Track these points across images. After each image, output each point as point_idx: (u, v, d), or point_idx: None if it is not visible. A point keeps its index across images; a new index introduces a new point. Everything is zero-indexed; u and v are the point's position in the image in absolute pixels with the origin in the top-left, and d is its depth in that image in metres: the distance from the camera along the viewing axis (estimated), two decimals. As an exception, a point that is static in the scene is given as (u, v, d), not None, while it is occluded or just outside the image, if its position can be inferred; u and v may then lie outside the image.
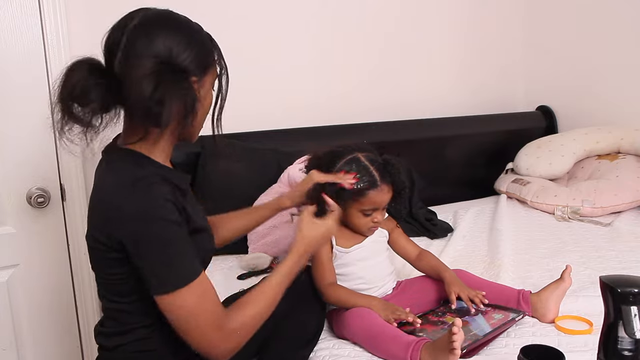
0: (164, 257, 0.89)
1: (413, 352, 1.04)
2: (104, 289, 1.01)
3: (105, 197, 0.93)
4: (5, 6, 1.52)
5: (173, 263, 0.89)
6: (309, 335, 1.18)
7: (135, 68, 0.87)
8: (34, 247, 1.64)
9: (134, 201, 0.88)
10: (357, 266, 1.31)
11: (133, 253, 0.90)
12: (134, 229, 0.88)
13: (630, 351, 0.87)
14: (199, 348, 0.93)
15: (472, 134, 2.56)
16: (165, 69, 0.88)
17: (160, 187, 0.90)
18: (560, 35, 2.71)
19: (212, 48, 0.99)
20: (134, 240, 0.89)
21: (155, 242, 0.88)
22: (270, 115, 2.13)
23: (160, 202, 0.89)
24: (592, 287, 1.37)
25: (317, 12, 2.22)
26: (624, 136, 2.34)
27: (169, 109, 0.87)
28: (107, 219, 0.91)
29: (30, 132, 1.59)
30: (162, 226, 0.88)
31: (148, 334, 0.99)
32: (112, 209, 0.90)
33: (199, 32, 0.98)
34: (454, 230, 2.04)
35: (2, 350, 1.61)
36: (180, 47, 0.91)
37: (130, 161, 0.94)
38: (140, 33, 0.90)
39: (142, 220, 0.88)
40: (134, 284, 0.95)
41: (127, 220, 0.88)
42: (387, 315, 1.16)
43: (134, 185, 0.89)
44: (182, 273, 0.90)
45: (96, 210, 0.95)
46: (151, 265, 0.89)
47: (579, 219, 2.10)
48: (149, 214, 0.88)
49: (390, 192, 1.29)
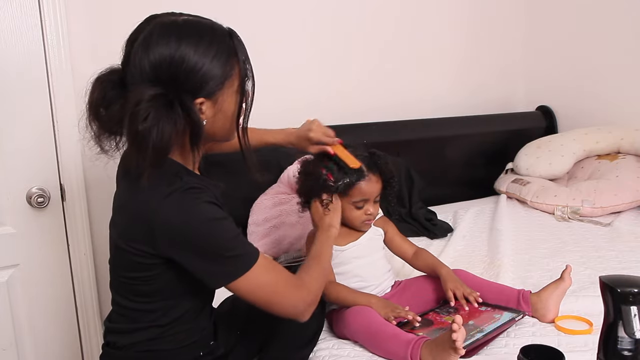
0: (223, 250, 0.91)
1: (413, 350, 1.04)
2: (122, 288, 1.01)
3: (147, 207, 0.90)
4: (5, 6, 1.52)
5: (235, 251, 0.92)
6: (308, 335, 1.18)
7: (132, 94, 0.85)
8: (34, 247, 1.64)
9: (178, 213, 0.88)
10: (354, 264, 1.31)
11: (187, 262, 0.91)
12: (187, 241, 0.89)
13: (630, 351, 0.87)
14: (289, 313, 0.99)
15: (472, 134, 2.56)
16: (158, 99, 0.84)
17: (200, 195, 0.91)
18: (560, 35, 2.71)
19: (230, 57, 0.92)
20: (187, 250, 0.90)
21: (210, 242, 0.90)
22: (270, 115, 2.12)
23: (203, 207, 0.90)
24: (592, 287, 1.37)
25: (317, 11, 2.22)
26: (624, 136, 2.34)
27: (157, 140, 0.83)
28: (152, 231, 0.89)
29: (30, 132, 1.59)
30: (212, 226, 0.90)
31: (160, 333, 1.00)
32: (157, 222, 0.88)
33: (215, 42, 0.90)
34: (454, 230, 2.04)
35: (2, 350, 1.61)
36: (187, 67, 0.86)
37: (169, 171, 0.92)
38: (143, 51, 0.87)
39: (191, 229, 0.88)
40: (157, 286, 0.96)
41: (176, 235, 0.89)
42: (387, 313, 1.16)
43: (176, 197, 0.89)
44: (247, 256, 0.94)
45: (135, 218, 0.92)
46: (215, 263, 0.92)
47: (579, 219, 2.10)
48: (195, 220, 0.89)
49: (379, 182, 1.31)
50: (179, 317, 1.00)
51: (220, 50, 0.91)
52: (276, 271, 0.99)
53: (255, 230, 1.78)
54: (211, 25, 0.93)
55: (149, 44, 0.87)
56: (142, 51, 0.87)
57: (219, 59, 0.90)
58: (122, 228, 0.96)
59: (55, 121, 1.62)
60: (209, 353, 1.07)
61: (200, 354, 1.05)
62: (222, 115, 0.95)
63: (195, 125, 0.90)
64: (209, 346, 1.08)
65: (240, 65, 0.95)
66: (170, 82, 0.86)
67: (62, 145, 1.63)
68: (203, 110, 0.92)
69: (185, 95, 0.88)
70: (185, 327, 1.02)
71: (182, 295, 1.00)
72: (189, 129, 0.90)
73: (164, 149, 0.86)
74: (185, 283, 0.97)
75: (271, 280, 0.97)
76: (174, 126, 0.86)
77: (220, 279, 0.94)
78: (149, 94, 0.84)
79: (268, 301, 0.97)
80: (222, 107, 0.94)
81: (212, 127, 0.95)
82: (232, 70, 0.93)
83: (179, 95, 0.87)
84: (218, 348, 1.10)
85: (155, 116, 0.83)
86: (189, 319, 1.02)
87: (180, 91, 0.87)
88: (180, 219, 0.88)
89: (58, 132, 1.62)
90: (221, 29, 0.94)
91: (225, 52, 0.92)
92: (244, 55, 0.96)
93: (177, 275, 0.95)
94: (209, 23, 0.94)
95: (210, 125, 0.95)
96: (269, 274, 0.97)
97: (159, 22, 0.90)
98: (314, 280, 1.05)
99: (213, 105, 0.93)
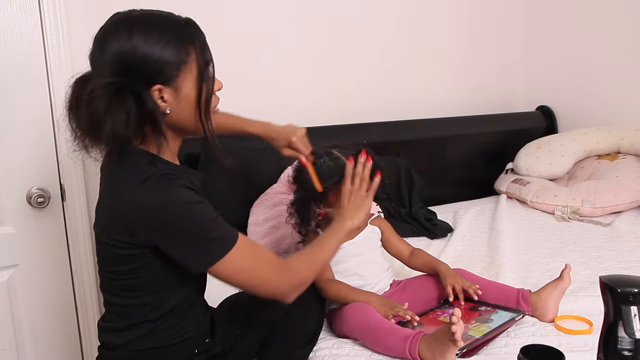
0: (201, 233, 0.91)
1: (411, 345, 1.04)
2: (110, 285, 1.02)
3: (123, 197, 0.92)
4: (5, 6, 1.52)
5: (213, 234, 0.92)
6: (308, 335, 1.18)
7: (90, 85, 0.89)
8: (34, 247, 1.64)
9: (153, 198, 0.89)
10: (352, 262, 1.32)
11: (167, 247, 0.92)
12: (164, 225, 0.90)
13: (630, 351, 0.87)
14: (273, 295, 0.99)
15: (472, 134, 2.56)
16: (109, 87, 0.88)
17: (176, 180, 0.93)
18: (560, 35, 2.71)
19: (185, 44, 0.93)
20: (165, 235, 0.91)
21: (187, 225, 0.91)
22: (269, 115, 2.12)
23: (178, 191, 0.91)
24: (592, 287, 1.37)
25: (317, 11, 2.22)
26: (624, 136, 2.34)
27: (110, 127, 0.87)
28: (130, 220, 0.91)
29: (30, 132, 1.59)
30: (187, 209, 0.91)
31: (152, 328, 1.00)
32: (134, 210, 0.90)
33: (166, 31, 0.92)
34: (454, 230, 2.03)
35: (2, 350, 1.61)
36: (138, 57, 0.89)
37: (141, 161, 0.95)
38: (96, 46, 0.92)
39: (167, 212, 0.89)
40: (144, 279, 0.96)
41: (153, 220, 0.90)
42: (386, 311, 1.17)
43: (151, 182, 0.91)
44: (225, 238, 0.94)
45: (113, 210, 0.95)
46: (192, 246, 0.91)
47: (579, 219, 2.10)
48: (171, 204, 0.90)
49: None
50: (170, 310, 1.00)
51: (173, 38, 0.92)
52: (258, 253, 0.99)
53: (255, 230, 1.78)
54: (166, 15, 0.95)
55: (103, 40, 0.91)
56: (98, 47, 0.92)
57: (172, 46, 0.92)
58: (103, 224, 0.98)
59: (55, 121, 1.62)
60: (204, 351, 1.07)
61: (195, 351, 1.05)
62: (186, 104, 0.96)
63: (151, 112, 0.91)
64: (204, 343, 1.08)
65: (197, 51, 0.96)
66: (125, 73, 0.89)
67: (62, 145, 1.63)
68: (165, 98, 0.94)
69: (138, 83, 0.90)
70: (177, 320, 1.02)
71: (170, 288, 1.00)
72: (148, 116, 0.92)
73: (121, 135, 0.88)
74: (171, 274, 0.97)
75: (252, 263, 0.96)
76: (127, 112, 0.88)
77: (199, 263, 0.93)
78: (102, 82, 0.88)
79: (250, 285, 0.97)
80: (184, 94, 0.95)
81: (178, 117, 0.97)
82: (188, 56, 0.94)
83: (131, 83, 0.89)
84: (214, 346, 1.10)
85: (106, 102, 0.87)
86: (181, 312, 1.02)
87: (132, 80, 0.89)
88: (155, 203, 0.89)
89: (58, 132, 1.62)
90: (177, 18, 0.96)
91: (179, 39, 0.93)
92: (201, 41, 0.97)
93: (162, 266, 0.95)
94: (164, 14, 0.96)
95: (177, 115, 0.96)
96: (250, 257, 0.96)
97: (114, 18, 0.94)
98: (302, 266, 1.04)
99: (174, 92, 0.94)
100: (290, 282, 1.01)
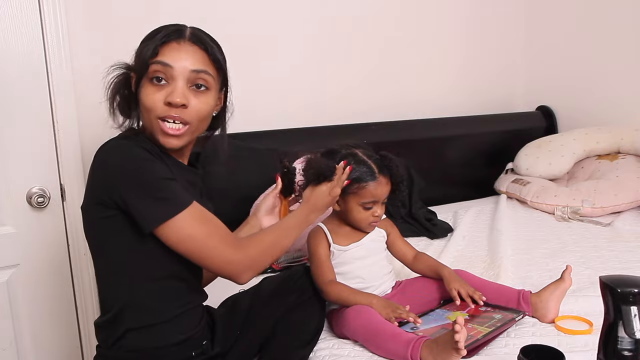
0: (153, 190, 0.93)
1: (413, 350, 1.04)
2: (97, 276, 1.05)
3: (95, 160, 0.98)
4: (5, 6, 1.52)
5: (165, 193, 0.94)
6: (308, 335, 1.18)
7: None
8: (34, 247, 1.64)
9: (118, 153, 0.96)
10: (355, 265, 1.31)
11: (128, 202, 0.93)
12: (123, 178, 0.93)
13: (630, 351, 0.87)
14: (223, 271, 0.99)
15: (472, 134, 2.56)
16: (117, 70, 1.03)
17: (142, 145, 0.98)
18: (560, 35, 2.71)
19: (151, 42, 0.99)
20: (126, 190, 0.93)
21: (142, 178, 0.94)
22: (270, 115, 2.13)
23: (135, 149, 0.96)
24: (592, 287, 1.37)
25: (317, 11, 2.22)
26: (624, 136, 2.34)
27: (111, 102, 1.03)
28: (97, 176, 0.97)
29: (30, 132, 1.59)
30: (145, 165, 0.94)
31: (148, 320, 1.00)
32: (101, 166, 0.97)
33: (154, 30, 1.01)
34: (454, 230, 2.03)
35: (2, 350, 1.61)
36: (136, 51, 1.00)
37: (132, 138, 1.01)
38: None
39: (127, 166, 0.94)
40: (120, 258, 0.98)
41: (115, 174, 0.94)
42: (387, 313, 1.16)
43: (118, 143, 0.98)
44: (177, 200, 0.95)
45: (91, 175, 1.00)
46: (145, 202, 0.93)
47: (579, 219, 2.10)
48: (128, 160, 0.94)
49: (389, 184, 1.30)
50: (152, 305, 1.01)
51: (147, 39, 1.02)
52: (211, 224, 0.99)
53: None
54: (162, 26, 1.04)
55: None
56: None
57: (143, 48, 1.01)
58: (85, 197, 1.01)
59: (55, 121, 1.62)
60: (201, 353, 1.07)
61: (192, 354, 1.05)
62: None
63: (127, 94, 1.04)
64: (201, 346, 1.07)
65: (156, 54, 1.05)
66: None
67: (62, 145, 1.63)
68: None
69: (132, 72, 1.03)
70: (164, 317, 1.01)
71: (145, 276, 1.00)
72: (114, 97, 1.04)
73: (111, 98, 1.03)
74: (140, 256, 0.98)
75: (202, 232, 0.96)
76: (118, 87, 1.04)
77: (148, 219, 0.93)
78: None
79: (200, 256, 0.97)
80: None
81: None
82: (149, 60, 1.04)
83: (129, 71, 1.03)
84: (212, 348, 1.10)
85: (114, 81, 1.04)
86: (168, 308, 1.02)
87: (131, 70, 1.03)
88: (117, 158, 0.95)
89: (58, 132, 1.62)
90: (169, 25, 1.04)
91: (149, 40, 1.01)
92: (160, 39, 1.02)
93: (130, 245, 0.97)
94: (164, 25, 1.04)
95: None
96: (202, 226, 0.96)
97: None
98: (256, 246, 1.04)
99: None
100: (242, 260, 1.00)
